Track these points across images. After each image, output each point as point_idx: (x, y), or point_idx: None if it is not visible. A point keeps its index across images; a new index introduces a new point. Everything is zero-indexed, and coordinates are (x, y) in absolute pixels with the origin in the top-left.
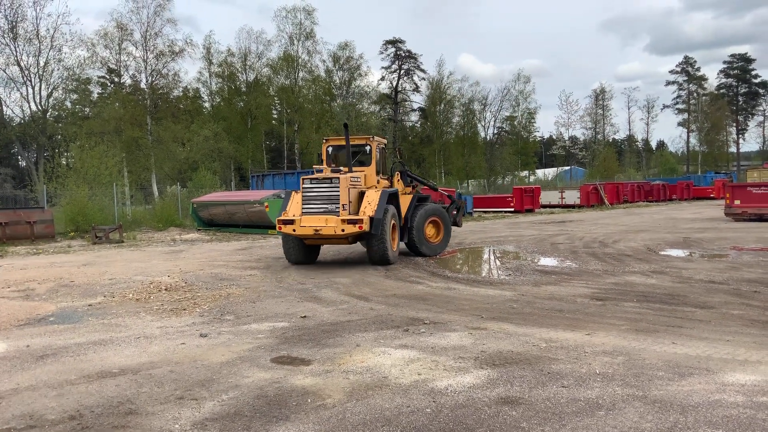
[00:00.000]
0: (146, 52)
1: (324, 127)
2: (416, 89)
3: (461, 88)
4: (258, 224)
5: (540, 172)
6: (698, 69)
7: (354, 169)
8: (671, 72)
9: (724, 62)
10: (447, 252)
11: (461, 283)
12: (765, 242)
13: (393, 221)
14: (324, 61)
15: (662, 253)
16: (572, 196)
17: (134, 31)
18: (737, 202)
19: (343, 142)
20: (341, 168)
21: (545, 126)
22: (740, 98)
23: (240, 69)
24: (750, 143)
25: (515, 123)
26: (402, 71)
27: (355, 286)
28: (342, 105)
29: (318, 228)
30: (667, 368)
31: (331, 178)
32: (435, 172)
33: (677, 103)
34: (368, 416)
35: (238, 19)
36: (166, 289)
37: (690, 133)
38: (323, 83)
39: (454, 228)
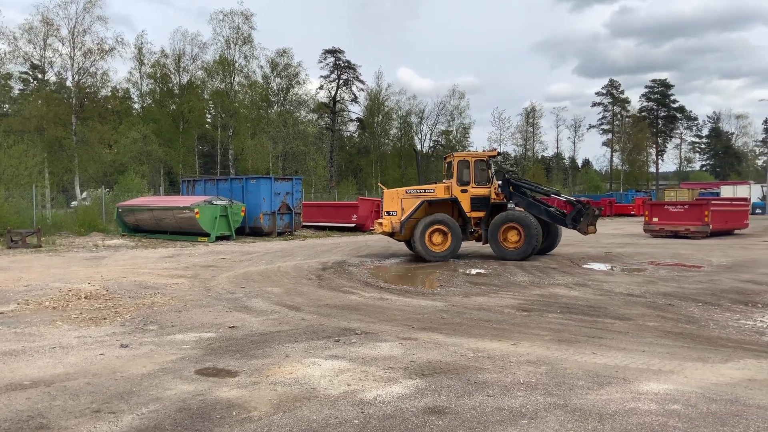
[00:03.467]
0: (73, 49)
1: (260, 134)
2: (355, 99)
3: (399, 100)
4: (187, 231)
5: None
6: (622, 92)
7: (443, 181)
8: (597, 94)
9: (646, 87)
10: (526, 260)
11: (394, 294)
12: (680, 258)
13: (437, 226)
14: (261, 66)
15: (585, 266)
16: None
17: (61, 27)
18: (655, 219)
19: (462, 158)
20: (445, 181)
21: (479, 141)
22: (660, 121)
23: (173, 71)
24: (668, 164)
25: (450, 137)
26: (341, 81)
27: (287, 296)
28: (279, 112)
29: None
30: (587, 377)
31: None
32: (371, 182)
33: (602, 123)
34: (295, 428)
35: (175, 21)
36: (85, 297)
37: (613, 153)
38: (260, 89)
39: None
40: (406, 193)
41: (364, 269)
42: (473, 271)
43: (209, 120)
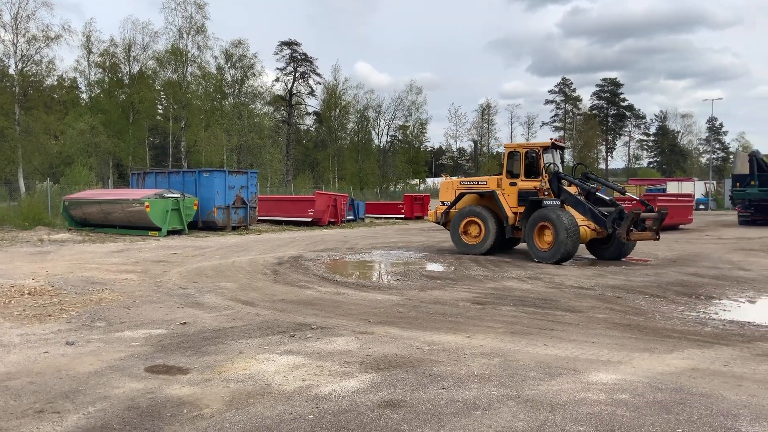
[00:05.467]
0: (16, 36)
1: (214, 126)
2: (311, 93)
3: (357, 94)
4: (137, 225)
5: (430, 181)
6: (574, 90)
7: (500, 173)
8: (550, 92)
9: (597, 86)
10: (551, 263)
11: (350, 288)
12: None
13: (472, 218)
14: (216, 57)
15: (537, 260)
16: None
17: (3, 12)
18: None
19: (513, 148)
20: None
21: (435, 137)
22: (610, 119)
23: (123, 60)
24: (617, 161)
25: (408, 132)
26: (297, 74)
27: (241, 291)
28: (234, 104)
29: None
30: (539, 369)
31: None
32: (329, 176)
33: (555, 120)
34: (248, 425)
35: (126, 9)
36: (29, 293)
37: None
38: (214, 80)
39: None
40: (460, 183)
41: (320, 264)
42: (430, 266)
43: (161, 111)
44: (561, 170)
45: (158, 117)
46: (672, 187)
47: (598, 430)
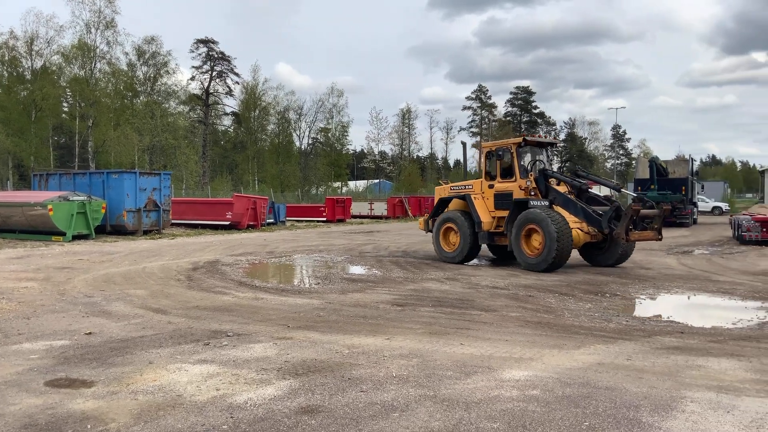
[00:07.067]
0: None
1: (124, 125)
2: (230, 93)
3: (277, 95)
4: (40, 230)
5: (352, 184)
6: (490, 97)
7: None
8: (467, 98)
9: (511, 93)
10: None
11: (270, 293)
12: None
13: (449, 224)
14: (127, 53)
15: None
16: (380, 208)
17: None
18: None
19: (489, 147)
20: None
21: (357, 140)
22: (523, 125)
23: (24, 54)
24: None
25: (329, 135)
26: (214, 73)
27: (152, 298)
28: (146, 102)
29: None
30: (455, 368)
31: None
32: (248, 179)
33: (471, 126)
34: None
35: (29, 1)
36: None
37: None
38: (125, 77)
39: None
40: (451, 189)
41: (238, 269)
42: (351, 268)
43: (66, 109)
44: (548, 168)
45: (64, 115)
46: None
47: (511, 426)
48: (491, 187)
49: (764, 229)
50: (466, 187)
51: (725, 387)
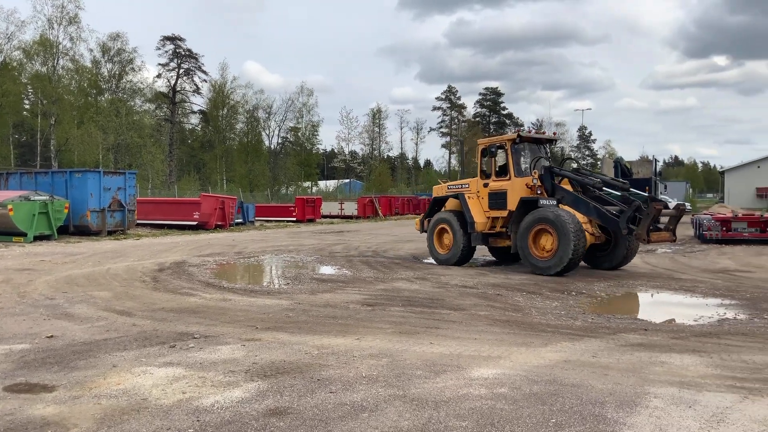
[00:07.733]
0: None
1: (88, 123)
2: (197, 91)
3: (246, 94)
4: (0, 230)
5: (322, 184)
6: (459, 98)
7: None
8: (437, 99)
9: (480, 94)
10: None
11: (238, 294)
12: None
13: (443, 225)
14: (91, 50)
15: (425, 261)
16: (351, 208)
17: None
18: None
19: (484, 144)
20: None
21: (327, 139)
22: (492, 126)
23: None
24: None
25: (299, 134)
26: (181, 70)
27: (116, 300)
28: (111, 100)
29: None
30: (424, 367)
31: None
32: (216, 178)
33: (441, 126)
34: None
35: None
36: None
37: (451, 155)
38: (89, 74)
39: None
40: (448, 189)
41: (206, 269)
42: (321, 268)
43: (27, 106)
44: (551, 165)
45: (25, 113)
46: None
47: (479, 424)
48: (486, 186)
49: (724, 228)
50: (463, 186)
51: (687, 382)
